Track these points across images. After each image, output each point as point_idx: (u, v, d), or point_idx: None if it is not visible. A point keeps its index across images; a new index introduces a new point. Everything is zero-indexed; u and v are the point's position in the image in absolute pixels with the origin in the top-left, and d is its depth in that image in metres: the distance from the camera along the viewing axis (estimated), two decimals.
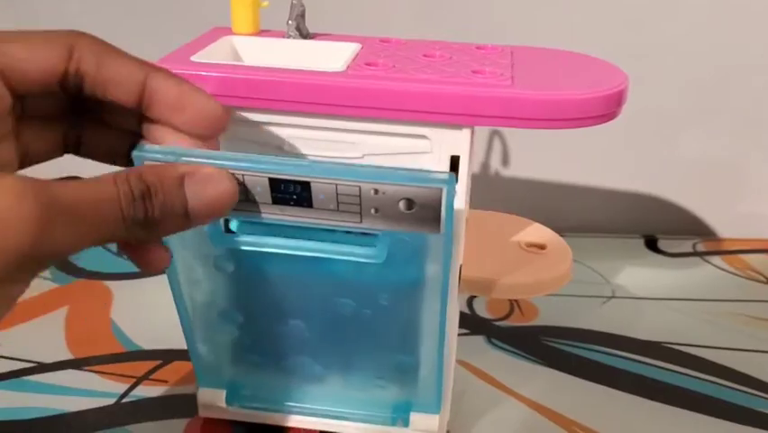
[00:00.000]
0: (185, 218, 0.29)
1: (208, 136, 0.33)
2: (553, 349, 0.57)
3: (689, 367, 0.56)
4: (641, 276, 0.67)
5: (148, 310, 0.60)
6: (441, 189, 0.31)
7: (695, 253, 0.71)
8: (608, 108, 0.36)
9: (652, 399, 0.52)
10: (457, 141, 0.37)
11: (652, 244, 0.72)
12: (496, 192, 0.73)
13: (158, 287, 0.62)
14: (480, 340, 0.58)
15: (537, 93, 0.35)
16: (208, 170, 0.30)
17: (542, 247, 0.46)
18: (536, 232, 0.48)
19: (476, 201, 0.48)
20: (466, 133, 0.37)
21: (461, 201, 0.38)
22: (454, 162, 0.38)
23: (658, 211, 0.75)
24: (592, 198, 0.74)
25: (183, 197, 0.29)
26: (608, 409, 0.51)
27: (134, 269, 0.63)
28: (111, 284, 0.64)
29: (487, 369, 0.55)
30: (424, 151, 0.38)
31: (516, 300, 0.63)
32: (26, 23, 0.66)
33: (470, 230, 0.43)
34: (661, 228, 0.75)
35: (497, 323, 0.60)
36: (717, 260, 0.70)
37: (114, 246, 0.63)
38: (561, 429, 0.49)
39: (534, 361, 0.56)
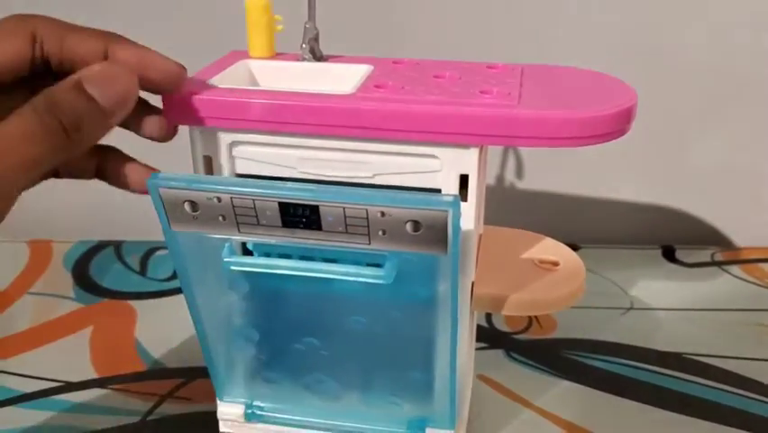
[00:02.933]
0: (100, 115, 0.33)
1: (170, 91, 0.37)
2: (572, 362, 0.57)
3: (708, 378, 0.55)
4: (659, 287, 0.67)
5: (171, 329, 0.61)
6: (446, 212, 0.31)
7: (713, 263, 0.70)
8: (614, 126, 0.36)
9: (672, 410, 0.52)
10: (465, 160, 0.38)
11: (670, 255, 0.72)
12: (512, 205, 0.73)
13: (181, 305, 0.63)
14: (499, 354, 0.58)
15: (541, 112, 0.35)
16: (99, 69, 0.33)
17: (555, 264, 0.46)
18: (550, 247, 0.48)
19: (492, 215, 0.48)
20: (474, 152, 0.37)
21: (470, 219, 0.39)
22: (464, 181, 0.38)
23: (675, 221, 0.75)
24: (609, 209, 0.74)
25: (88, 96, 0.32)
26: (629, 421, 0.51)
27: (158, 287, 0.65)
28: (135, 303, 0.65)
29: (506, 383, 0.55)
30: (433, 170, 0.38)
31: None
32: None
33: (484, 246, 0.43)
34: (678, 239, 0.75)
35: (515, 336, 0.60)
36: (735, 269, 0.70)
37: (137, 266, 0.64)
38: None
39: (554, 374, 0.56)
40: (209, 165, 0.41)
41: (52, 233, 0.75)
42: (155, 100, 0.39)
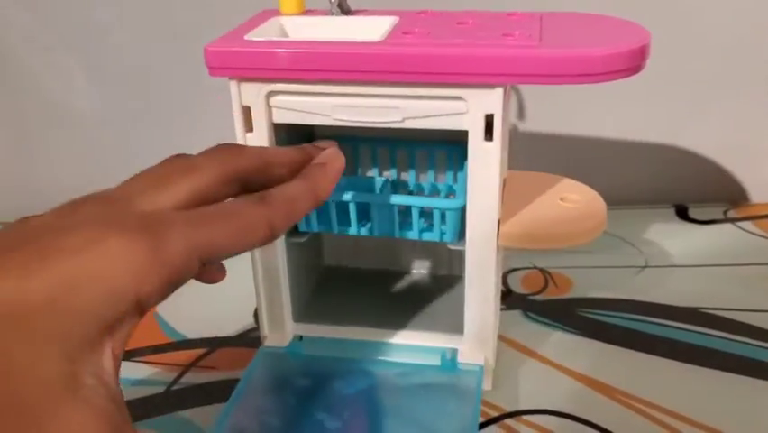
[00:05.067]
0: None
1: None
2: (588, 319, 0.58)
3: (725, 330, 0.56)
4: (673, 244, 0.67)
5: (191, 300, 0.60)
6: None
7: (726, 220, 0.71)
8: (631, 62, 0.38)
9: (690, 362, 0.53)
10: (490, 100, 0.39)
11: (683, 213, 0.73)
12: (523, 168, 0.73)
13: (190, 288, 0.64)
14: (516, 314, 0.59)
15: (563, 50, 0.37)
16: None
17: (576, 201, 0.48)
18: (570, 186, 0.50)
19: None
20: (498, 91, 0.39)
21: (496, 158, 0.41)
22: (489, 121, 0.40)
23: (688, 180, 0.75)
24: (621, 169, 0.74)
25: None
26: (648, 375, 0.52)
27: None
28: None
29: (525, 342, 0.55)
30: (459, 112, 0.40)
31: (549, 274, 0.63)
32: None
33: (508, 188, 0.45)
34: (691, 197, 0.75)
35: (532, 297, 0.61)
36: (748, 225, 0.70)
37: None
38: (603, 397, 0.50)
39: (572, 332, 0.56)
40: (248, 115, 0.43)
41: None
42: None
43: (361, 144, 0.52)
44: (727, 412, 0.48)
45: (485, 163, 0.42)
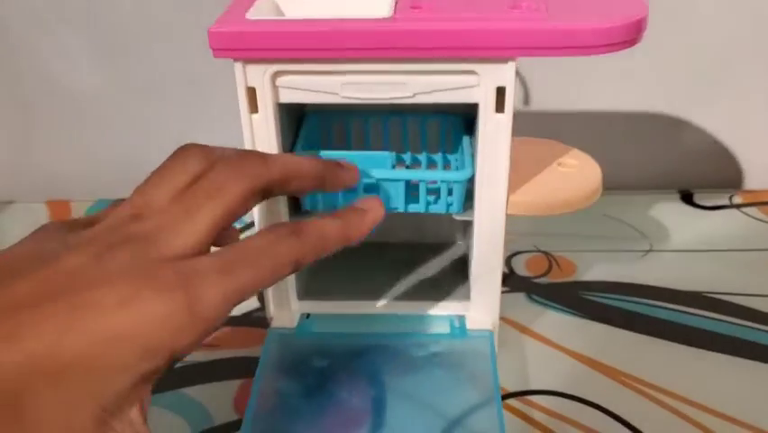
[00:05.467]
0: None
1: None
2: (591, 302, 0.58)
3: (729, 314, 0.56)
4: (678, 230, 0.67)
5: None
6: None
7: (731, 206, 0.71)
8: (632, 34, 0.39)
9: (693, 346, 0.53)
10: (502, 73, 0.40)
11: (688, 199, 0.72)
12: None
13: None
14: (520, 297, 0.59)
15: (571, 24, 0.38)
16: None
17: (572, 166, 0.49)
18: (566, 151, 0.51)
19: None
20: (511, 65, 0.39)
21: (507, 130, 0.41)
22: (500, 93, 0.40)
23: (693, 165, 0.75)
24: (626, 153, 0.74)
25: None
26: (651, 358, 0.52)
27: None
28: None
29: (529, 323, 0.55)
30: (470, 85, 0.40)
31: (553, 257, 0.63)
32: None
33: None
34: (697, 183, 0.75)
35: (536, 280, 0.61)
36: (753, 211, 0.70)
37: None
38: (606, 378, 0.50)
39: (576, 314, 0.56)
40: (253, 96, 0.42)
41: (70, 193, 0.75)
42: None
43: (353, 119, 0.52)
44: (730, 395, 0.48)
45: (496, 135, 0.42)
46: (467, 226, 0.55)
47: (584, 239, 0.66)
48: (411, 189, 0.46)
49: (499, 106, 0.41)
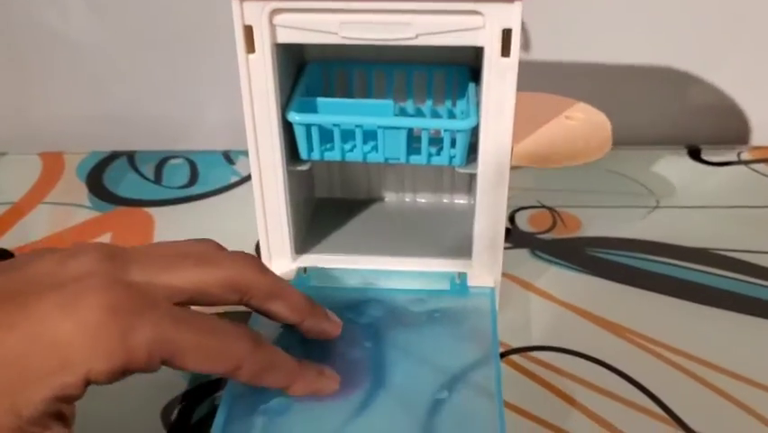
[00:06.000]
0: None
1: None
2: (596, 258, 0.57)
3: (735, 271, 0.55)
4: (685, 186, 0.66)
5: (189, 234, 0.58)
6: None
7: (739, 162, 0.69)
8: None
9: (699, 302, 0.52)
10: (509, 14, 0.38)
11: (695, 155, 0.71)
12: None
13: (198, 212, 0.63)
14: (524, 253, 0.58)
15: None
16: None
17: (580, 119, 0.48)
18: (573, 105, 0.50)
19: None
20: (518, 5, 0.37)
21: (513, 76, 0.40)
22: (506, 36, 0.39)
23: (701, 120, 0.73)
24: (632, 107, 0.73)
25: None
26: (656, 314, 0.51)
27: (175, 195, 0.65)
28: (152, 210, 0.64)
29: (532, 280, 0.54)
30: (476, 27, 0.38)
31: (557, 212, 0.62)
32: None
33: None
34: (704, 138, 0.73)
35: (540, 236, 0.60)
36: (761, 167, 0.68)
37: (152, 175, 0.60)
38: (611, 334, 0.49)
39: (581, 270, 0.55)
40: (250, 35, 0.41)
41: (64, 145, 0.73)
42: None
43: (356, 68, 0.51)
44: (735, 351, 0.48)
45: (501, 81, 0.41)
46: (470, 180, 0.54)
47: (589, 195, 0.64)
48: (413, 141, 0.45)
49: (505, 50, 0.39)
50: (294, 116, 0.44)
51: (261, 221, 0.48)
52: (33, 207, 0.64)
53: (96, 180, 0.68)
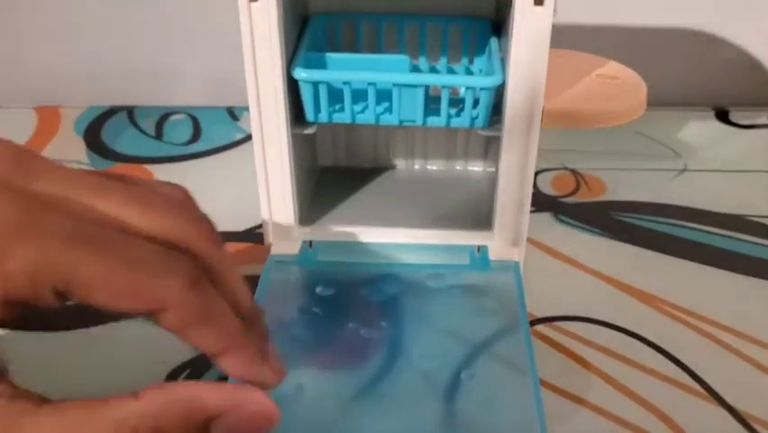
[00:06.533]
0: None
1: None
2: (624, 223, 0.54)
3: (765, 237, 0.53)
4: (713, 148, 0.63)
5: (194, 193, 0.57)
6: None
7: None
8: None
9: (728, 269, 0.50)
10: None
11: (723, 116, 0.67)
12: None
13: (201, 170, 0.60)
14: (546, 217, 0.55)
15: None
16: (243, 412, 0.24)
17: (614, 77, 0.45)
18: (606, 64, 0.47)
19: None
20: None
21: (547, 28, 0.37)
22: None
23: (729, 81, 0.70)
24: (658, 67, 0.68)
25: None
26: (685, 282, 0.49)
27: (176, 152, 0.61)
28: (152, 167, 0.61)
29: (555, 245, 0.52)
30: None
31: (581, 175, 0.59)
32: None
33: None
34: (732, 100, 0.70)
35: (563, 199, 0.57)
36: None
37: (153, 131, 0.56)
38: (639, 303, 0.47)
39: (606, 236, 0.53)
40: None
41: (60, 99, 0.70)
42: None
43: (364, 20, 0.47)
44: (766, 320, 0.46)
45: (533, 33, 0.37)
46: (486, 145, 0.50)
47: (613, 157, 0.62)
48: (430, 101, 0.42)
49: None
50: (300, 73, 0.40)
51: (263, 188, 0.44)
52: None
53: (95, 136, 0.65)
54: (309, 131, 0.44)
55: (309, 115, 0.42)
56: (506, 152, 0.42)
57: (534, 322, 0.45)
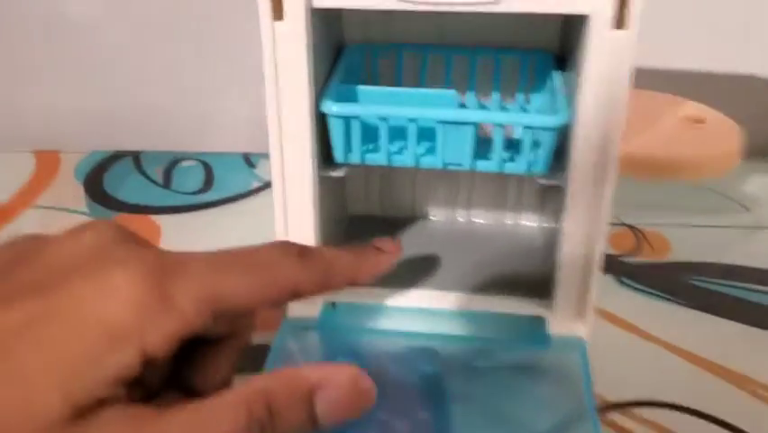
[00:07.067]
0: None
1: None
2: (695, 288, 0.48)
3: None
4: None
5: (200, 246, 0.51)
6: None
7: None
8: None
9: None
10: None
11: None
12: None
13: (209, 220, 0.55)
14: (608, 280, 0.48)
15: None
16: (342, 381, 0.27)
17: (700, 120, 0.40)
18: (692, 107, 0.42)
19: None
20: None
21: (630, 51, 0.31)
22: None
23: None
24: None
25: (311, 414, 0.27)
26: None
27: (183, 201, 0.58)
28: (158, 218, 0.56)
29: (623, 314, 0.45)
30: None
31: (642, 232, 0.53)
32: None
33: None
34: None
35: (624, 259, 0.50)
36: None
37: (160, 177, 0.56)
38: (731, 386, 0.40)
39: (681, 303, 0.46)
40: None
41: (61, 143, 0.65)
42: None
43: (405, 51, 0.42)
44: None
45: (611, 61, 0.31)
46: (541, 196, 0.44)
47: (673, 211, 0.55)
48: (481, 144, 0.36)
49: (620, 20, 0.30)
50: (330, 106, 0.35)
51: (281, 230, 0.38)
52: (22, 210, 0.56)
53: (96, 183, 0.60)
54: (338, 173, 0.38)
55: (339, 156, 0.37)
56: (572, 206, 0.35)
57: (604, 408, 0.38)
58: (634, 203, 0.55)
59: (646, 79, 0.56)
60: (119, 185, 0.59)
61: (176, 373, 0.29)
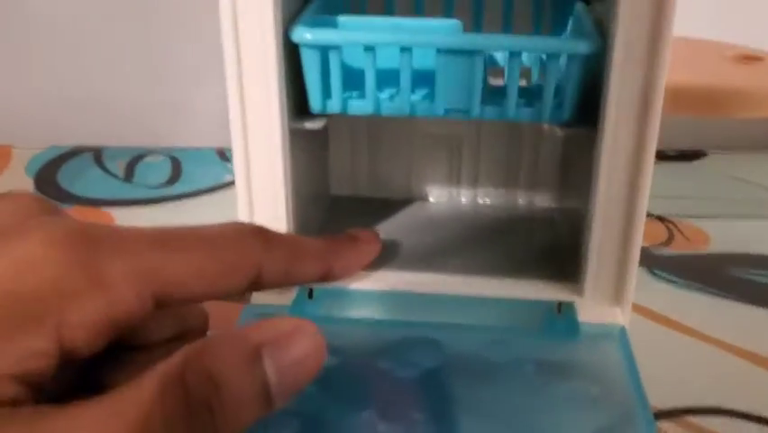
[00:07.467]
0: (264, 404, 0.22)
1: None
2: (731, 278, 0.44)
3: None
4: None
5: None
6: None
7: None
8: None
9: None
10: None
11: None
12: None
13: (166, 214, 0.51)
14: (640, 272, 0.42)
15: None
16: (288, 331, 0.23)
17: (758, 58, 0.35)
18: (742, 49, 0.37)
19: None
20: None
21: None
22: None
23: None
24: None
25: (264, 381, 0.22)
26: None
27: (145, 195, 0.54)
28: (114, 210, 0.51)
29: (660, 309, 0.41)
30: None
31: (672, 223, 0.48)
32: None
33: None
34: None
35: (655, 251, 0.46)
36: None
37: (119, 171, 0.56)
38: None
39: (722, 295, 0.42)
40: None
41: (15, 137, 0.61)
42: None
43: None
44: None
45: None
46: (560, 169, 0.38)
47: (708, 202, 0.52)
48: (488, 95, 0.30)
49: None
50: (303, 33, 0.28)
51: (245, 210, 0.32)
52: None
53: (49, 177, 0.55)
54: (314, 125, 0.31)
55: (315, 103, 0.30)
56: (604, 163, 0.28)
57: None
58: (659, 194, 0.51)
59: None
60: (75, 179, 0.55)
61: (107, 387, 0.23)
